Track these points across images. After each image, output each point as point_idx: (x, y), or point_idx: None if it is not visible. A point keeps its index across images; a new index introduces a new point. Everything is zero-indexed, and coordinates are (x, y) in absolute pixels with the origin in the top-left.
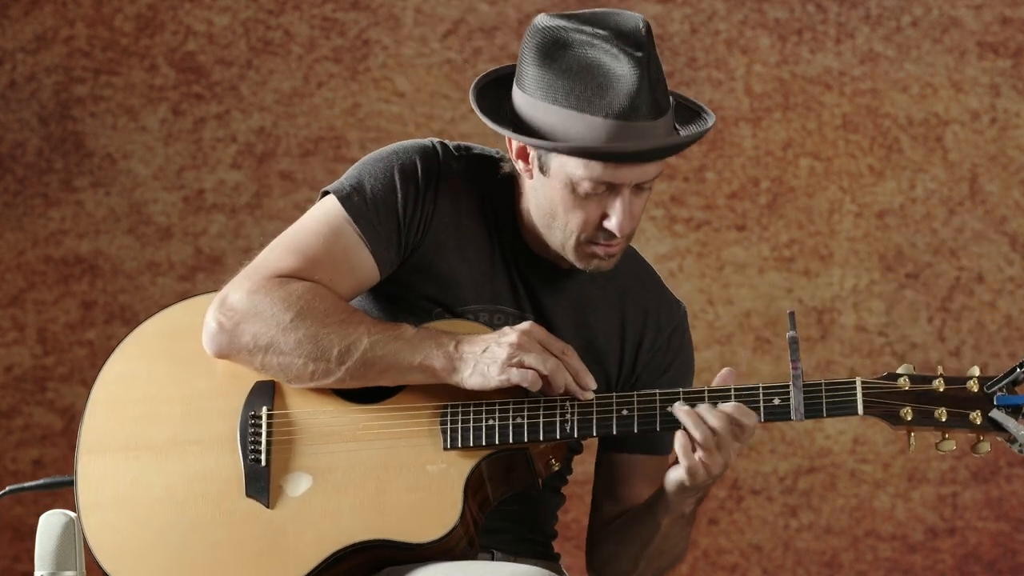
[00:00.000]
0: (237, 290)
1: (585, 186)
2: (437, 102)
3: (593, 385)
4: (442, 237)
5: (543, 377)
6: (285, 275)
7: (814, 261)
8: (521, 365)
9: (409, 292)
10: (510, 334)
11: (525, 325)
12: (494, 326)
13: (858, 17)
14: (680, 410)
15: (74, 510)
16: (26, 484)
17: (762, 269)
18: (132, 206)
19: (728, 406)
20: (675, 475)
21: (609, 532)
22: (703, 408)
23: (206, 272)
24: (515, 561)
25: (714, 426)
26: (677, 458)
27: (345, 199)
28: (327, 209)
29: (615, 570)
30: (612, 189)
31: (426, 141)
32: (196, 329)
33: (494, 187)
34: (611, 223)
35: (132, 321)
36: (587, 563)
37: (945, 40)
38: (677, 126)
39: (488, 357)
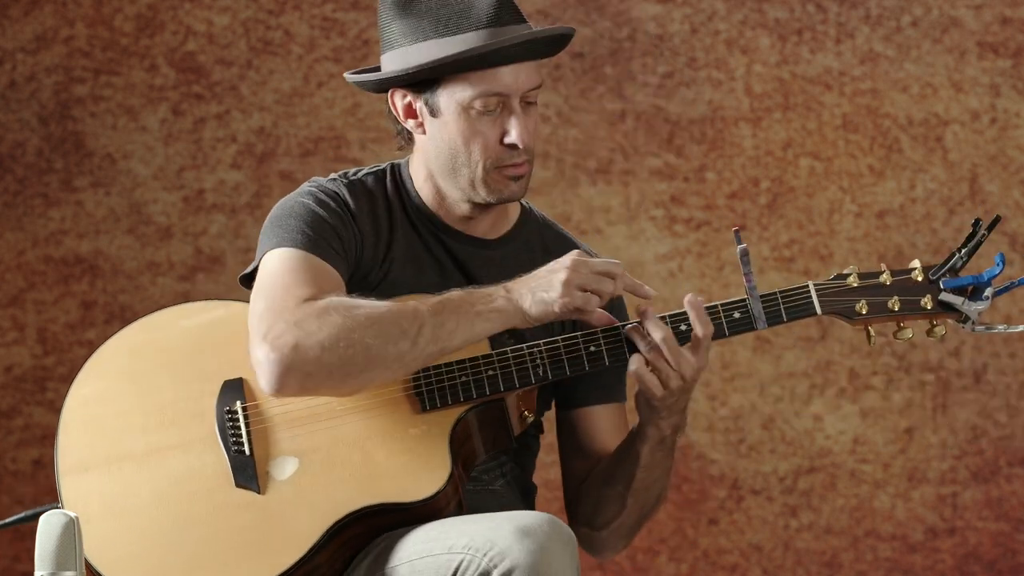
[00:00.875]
0: (275, 324)
1: (477, 105)
2: None
3: (653, 293)
4: (371, 252)
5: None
6: (308, 299)
7: (814, 261)
8: (582, 288)
9: None
10: (562, 261)
11: (570, 254)
12: None
13: (858, 17)
14: (631, 330)
15: None
16: (9, 519)
17: (762, 269)
18: (132, 206)
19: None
20: (641, 395)
21: (591, 480)
22: (648, 321)
23: (206, 272)
24: None
25: (657, 336)
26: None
27: (284, 243)
28: (277, 258)
29: (603, 516)
30: (503, 106)
31: (313, 182)
32: (154, 344)
33: (397, 189)
34: (511, 136)
35: (132, 321)
36: (571, 520)
37: (945, 40)
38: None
39: (545, 284)
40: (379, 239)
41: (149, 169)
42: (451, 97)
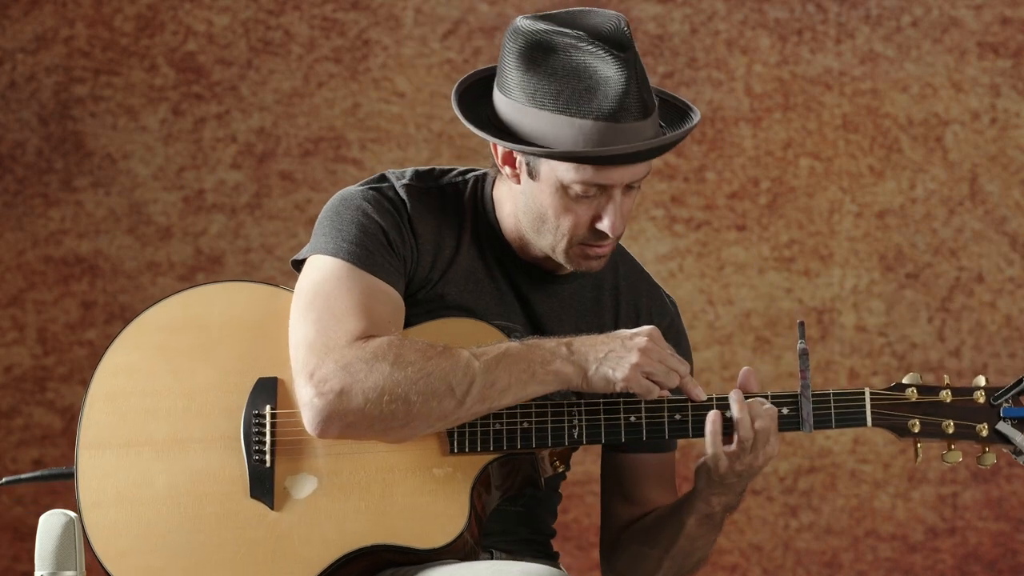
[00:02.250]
0: (322, 364)
1: (576, 189)
2: (437, 102)
3: (704, 397)
4: (426, 271)
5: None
6: (359, 337)
7: (814, 261)
8: (648, 376)
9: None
10: (638, 339)
11: (647, 330)
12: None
13: (858, 17)
14: (735, 399)
15: (74, 509)
16: (23, 475)
17: (762, 269)
18: (132, 206)
19: (773, 410)
20: (701, 467)
21: (633, 533)
22: (756, 402)
23: (206, 272)
24: (513, 560)
25: (759, 426)
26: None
27: (339, 253)
28: (329, 270)
29: (639, 571)
30: (603, 190)
31: (384, 181)
32: (195, 322)
33: (476, 208)
34: (603, 224)
35: (132, 321)
36: (604, 567)
37: (945, 40)
38: (663, 124)
39: (614, 359)
40: (439, 258)
41: (149, 169)
42: (552, 171)
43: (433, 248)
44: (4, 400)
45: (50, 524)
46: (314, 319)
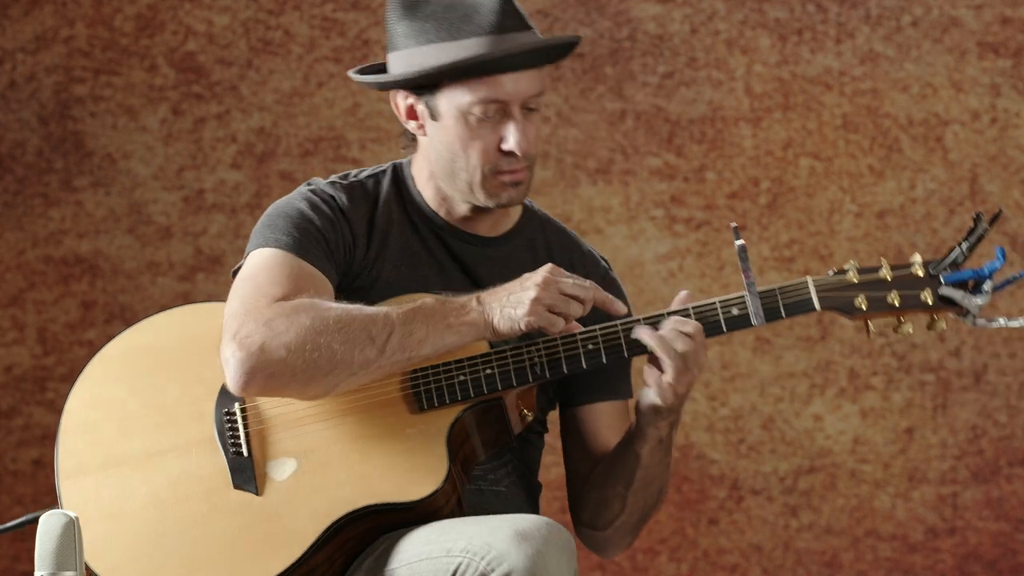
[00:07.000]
0: (243, 324)
1: (476, 112)
2: None
3: (624, 310)
4: (362, 254)
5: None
6: (278, 299)
7: (814, 261)
8: (551, 308)
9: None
10: (535, 276)
11: (545, 267)
12: None
13: (858, 17)
14: (645, 334)
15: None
16: (8, 524)
17: (762, 269)
18: (132, 206)
19: (689, 325)
20: (647, 400)
21: (592, 481)
22: (667, 331)
23: (206, 272)
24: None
25: (681, 349)
26: (645, 383)
27: (268, 244)
28: (259, 257)
29: (605, 516)
30: (503, 113)
31: (311, 184)
32: (154, 347)
33: (398, 188)
34: (509, 143)
35: (132, 321)
36: (575, 521)
37: (945, 40)
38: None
39: (515, 301)
40: (372, 241)
41: (149, 169)
42: (450, 102)
43: (366, 234)
44: (4, 400)
45: (50, 524)
46: (239, 294)
